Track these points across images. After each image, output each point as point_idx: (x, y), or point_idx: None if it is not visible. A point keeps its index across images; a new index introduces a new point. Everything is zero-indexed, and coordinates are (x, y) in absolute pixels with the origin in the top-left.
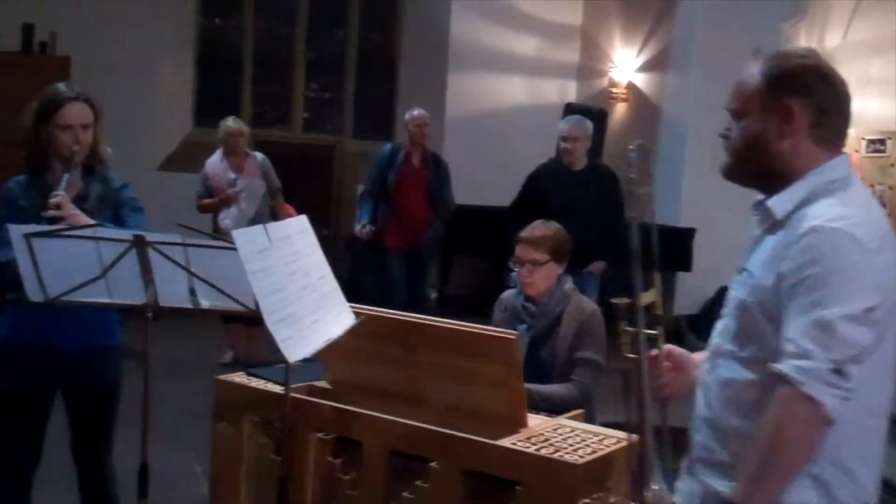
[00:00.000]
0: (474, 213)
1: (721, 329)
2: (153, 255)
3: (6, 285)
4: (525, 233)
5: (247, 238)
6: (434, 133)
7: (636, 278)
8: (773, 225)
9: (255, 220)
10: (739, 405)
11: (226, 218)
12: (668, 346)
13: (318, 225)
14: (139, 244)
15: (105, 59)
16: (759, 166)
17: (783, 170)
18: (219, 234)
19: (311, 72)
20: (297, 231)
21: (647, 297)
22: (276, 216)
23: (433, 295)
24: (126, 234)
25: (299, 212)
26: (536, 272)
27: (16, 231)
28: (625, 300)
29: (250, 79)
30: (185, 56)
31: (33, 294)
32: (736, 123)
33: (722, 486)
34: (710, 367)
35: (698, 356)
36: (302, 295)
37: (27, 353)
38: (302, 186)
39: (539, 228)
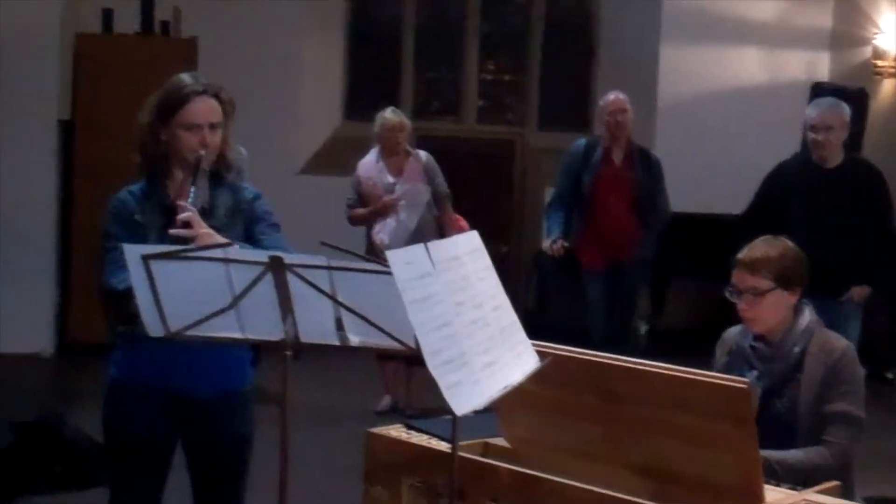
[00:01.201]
0: (695, 224)
1: None
2: (293, 281)
3: (117, 316)
4: (742, 254)
5: (405, 260)
6: (642, 123)
7: None
8: None
9: (417, 234)
10: None
11: (381, 232)
12: None
13: (495, 240)
14: (276, 267)
15: (237, 40)
16: None
17: None
18: (373, 251)
19: (486, 50)
20: (468, 250)
21: None
22: (442, 229)
23: (643, 329)
24: (261, 255)
25: (472, 224)
26: (759, 304)
27: (132, 252)
28: None
29: (412, 60)
30: (333, 35)
31: (152, 327)
32: None
33: None
34: None
35: None
36: (473, 331)
37: (141, 398)
38: (475, 191)
39: (760, 247)
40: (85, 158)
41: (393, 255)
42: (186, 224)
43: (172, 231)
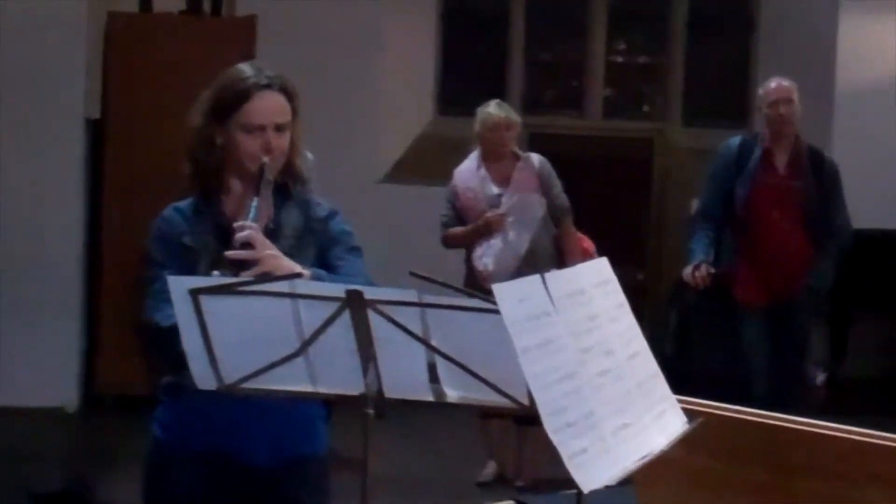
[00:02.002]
0: (883, 244)
1: None
2: (376, 321)
3: (162, 363)
4: None
5: (516, 295)
6: (814, 117)
7: None
8: None
9: (529, 260)
10: None
11: (485, 256)
12: None
13: (629, 266)
14: (355, 304)
15: (304, 20)
16: None
17: None
18: (475, 281)
19: (616, 25)
20: (596, 282)
21: None
22: (561, 252)
23: (819, 378)
24: (336, 288)
25: (599, 245)
26: None
27: (178, 286)
28: None
29: (521, 42)
30: (424, 12)
31: (202, 378)
32: None
33: None
34: None
35: None
36: (602, 384)
37: (190, 464)
38: (603, 204)
39: None
40: (117, 168)
41: (501, 290)
42: (246, 245)
43: (230, 253)
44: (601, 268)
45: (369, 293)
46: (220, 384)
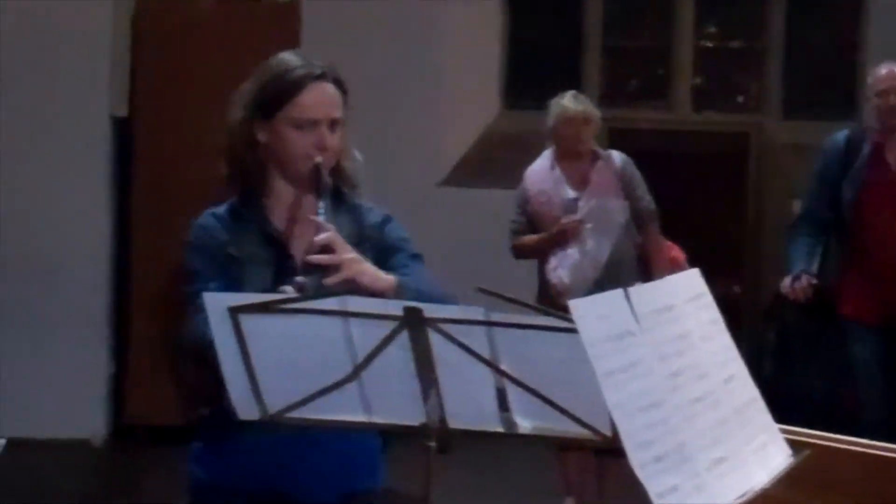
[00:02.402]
0: None
1: None
2: (437, 342)
3: (198, 391)
4: None
5: (595, 312)
6: None
7: None
8: None
9: (610, 271)
10: None
11: (560, 267)
12: None
13: (722, 277)
14: (414, 323)
15: (354, 5)
16: None
17: None
18: (549, 295)
19: (706, 8)
20: (687, 297)
21: None
22: (647, 263)
23: None
24: (391, 305)
25: (689, 253)
26: None
27: (215, 302)
28: None
29: (599, 26)
30: None
31: (242, 407)
32: None
33: None
34: None
35: None
36: (695, 413)
37: (235, 502)
38: (693, 207)
39: None
40: (147, 171)
41: (578, 306)
42: (324, 249)
43: (313, 257)
44: (692, 280)
45: (430, 310)
46: (263, 414)
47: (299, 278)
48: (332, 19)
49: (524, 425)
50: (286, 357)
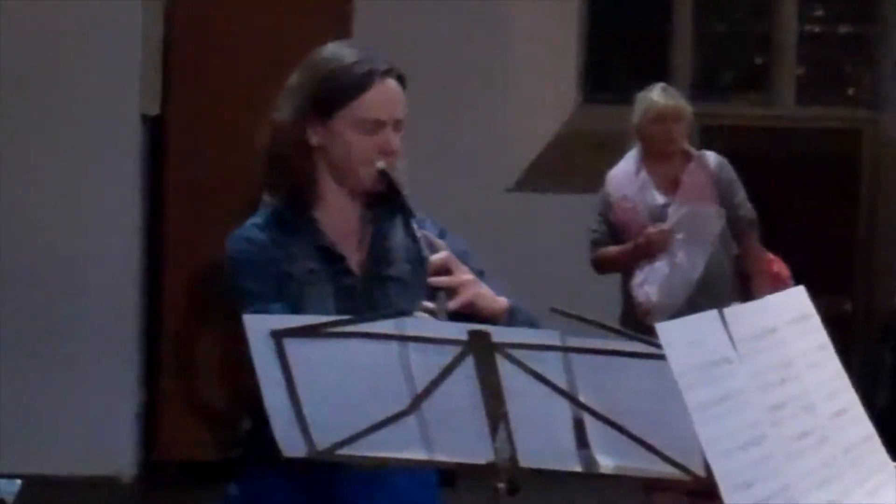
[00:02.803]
0: None
1: None
2: (506, 370)
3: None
4: None
5: (686, 336)
6: None
7: None
8: None
9: (703, 289)
10: None
11: (647, 283)
12: None
13: (832, 293)
14: (480, 348)
15: None
16: None
17: None
18: (634, 315)
19: None
20: (791, 318)
21: None
22: (745, 278)
23: None
24: (455, 328)
25: (794, 266)
26: None
27: (257, 325)
28: None
29: (690, 9)
30: None
31: (287, 443)
32: None
33: None
34: None
35: None
36: (800, 451)
37: None
38: (798, 214)
39: None
40: (181, 175)
41: (667, 330)
42: (444, 269)
43: (434, 280)
44: (797, 299)
45: (498, 334)
46: (310, 450)
47: (427, 304)
48: (389, 10)
49: (606, 464)
50: (336, 387)
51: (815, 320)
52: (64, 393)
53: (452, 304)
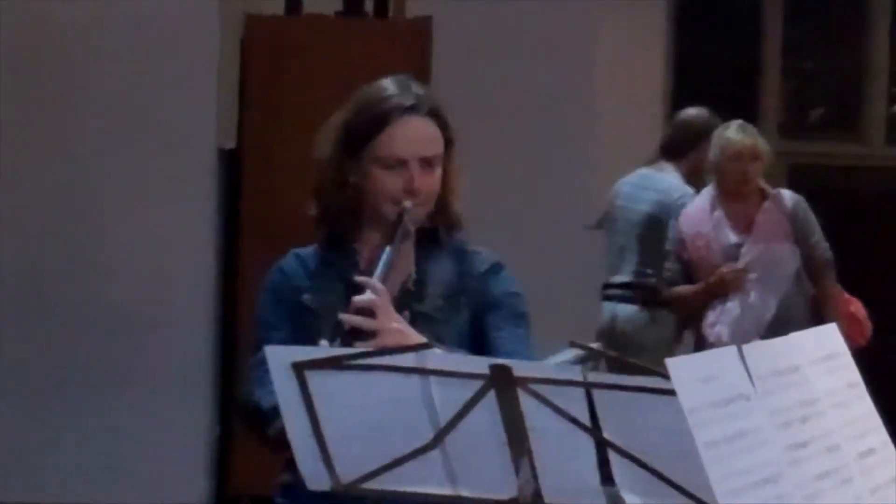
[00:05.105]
0: None
1: None
2: (529, 406)
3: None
4: None
5: (698, 373)
6: None
7: None
8: None
9: (777, 329)
10: None
11: (719, 323)
12: None
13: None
14: (502, 383)
15: (495, 23)
16: None
17: None
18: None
19: None
20: (817, 357)
21: None
22: (821, 319)
23: None
24: (479, 362)
25: (875, 310)
26: None
27: (278, 357)
28: None
29: (778, 45)
30: (651, 11)
31: (311, 477)
32: None
33: None
34: None
35: None
36: (822, 491)
37: None
38: (882, 256)
39: None
40: (257, 209)
41: (677, 366)
42: (368, 311)
43: (343, 316)
44: (827, 337)
45: (520, 369)
46: (334, 483)
47: (323, 342)
48: (470, 38)
49: (631, 501)
50: (359, 420)
51: (846, 358)
52: (139, 427)
53: (363, 346)
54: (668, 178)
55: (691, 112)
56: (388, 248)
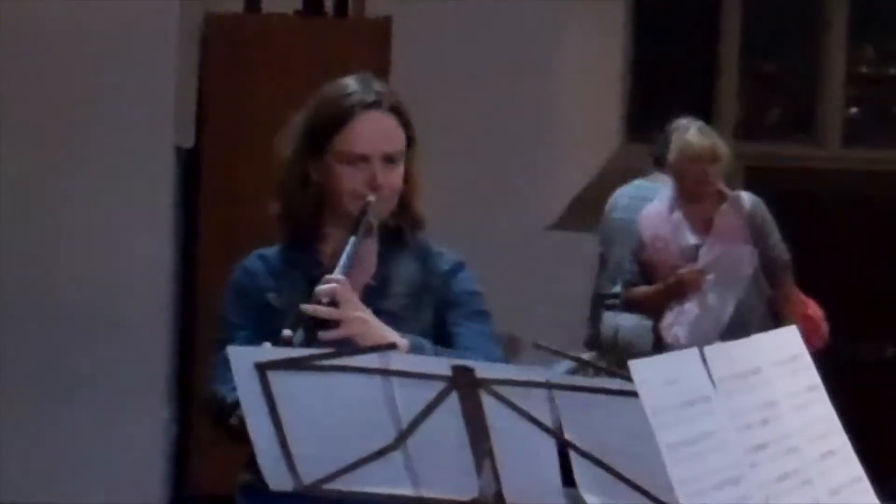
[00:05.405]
0: None
1: None
2: (491, 407)
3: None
4: None
5: (660, 375)
6: None
7: None
8: None
9: (735, 331)
10: None
11: (676, 325)
12: None
13: (875, 338)
14: (464, 384)
15: (454, 22)
16: None
17: None
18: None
19: (860, 29)
20: (778, 358)
21: None
22: (779, 320)
23: None
24: (440, 364)
25: (834, 311)
26: None
27: (241, 358)
28: None
29: (736, 48)
30: (610, 12)
31: (273, 477)
32: None
33: None
34: None
35: None
36: (781, 492)
37: None
38: (840, 257)
39: None
40: (215, 209)
41: (639, 368)
42: (332, 302)
43: (306, 307)
44: (787, 339)
45: (482, 370)
46: (296, 484)
47: (287, 332)
48: (430, 39)
49: (592, 502)
50: (322, 420)
51: (806, 360)
52: (96, 427)
53: (327, 336)
54: (664, 190)
55: (683, 123)
56: (351, 239)
